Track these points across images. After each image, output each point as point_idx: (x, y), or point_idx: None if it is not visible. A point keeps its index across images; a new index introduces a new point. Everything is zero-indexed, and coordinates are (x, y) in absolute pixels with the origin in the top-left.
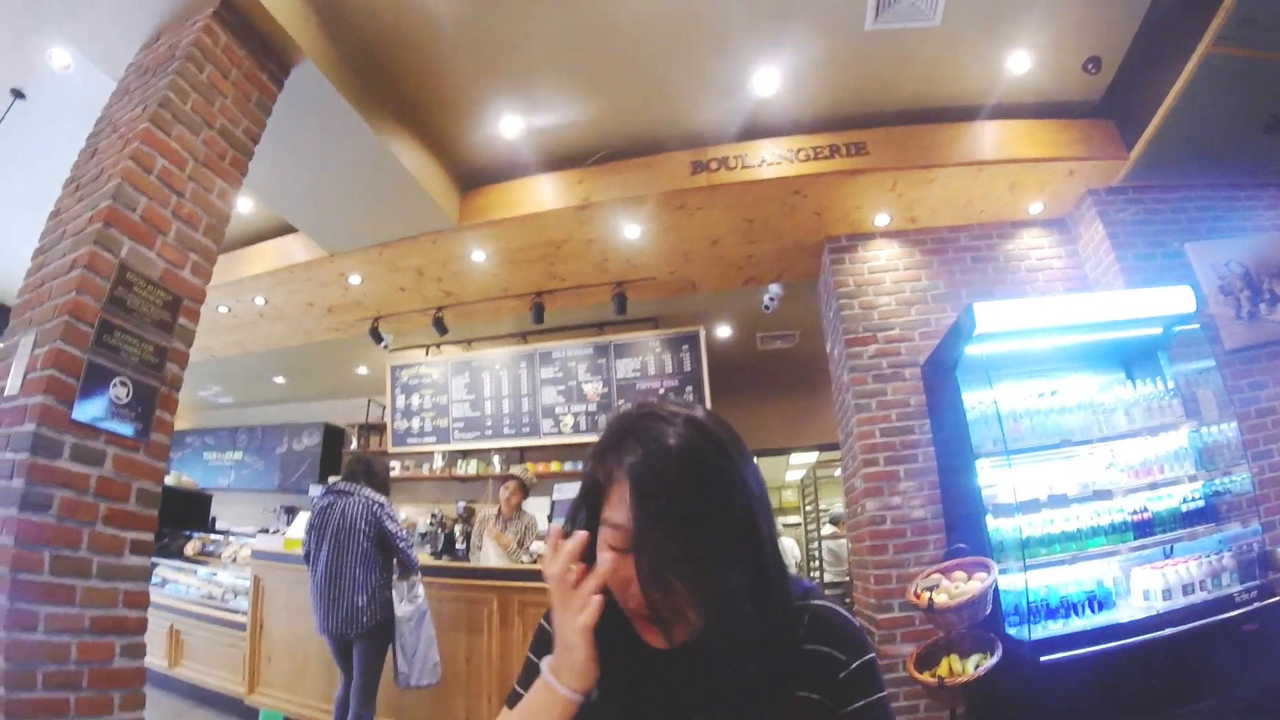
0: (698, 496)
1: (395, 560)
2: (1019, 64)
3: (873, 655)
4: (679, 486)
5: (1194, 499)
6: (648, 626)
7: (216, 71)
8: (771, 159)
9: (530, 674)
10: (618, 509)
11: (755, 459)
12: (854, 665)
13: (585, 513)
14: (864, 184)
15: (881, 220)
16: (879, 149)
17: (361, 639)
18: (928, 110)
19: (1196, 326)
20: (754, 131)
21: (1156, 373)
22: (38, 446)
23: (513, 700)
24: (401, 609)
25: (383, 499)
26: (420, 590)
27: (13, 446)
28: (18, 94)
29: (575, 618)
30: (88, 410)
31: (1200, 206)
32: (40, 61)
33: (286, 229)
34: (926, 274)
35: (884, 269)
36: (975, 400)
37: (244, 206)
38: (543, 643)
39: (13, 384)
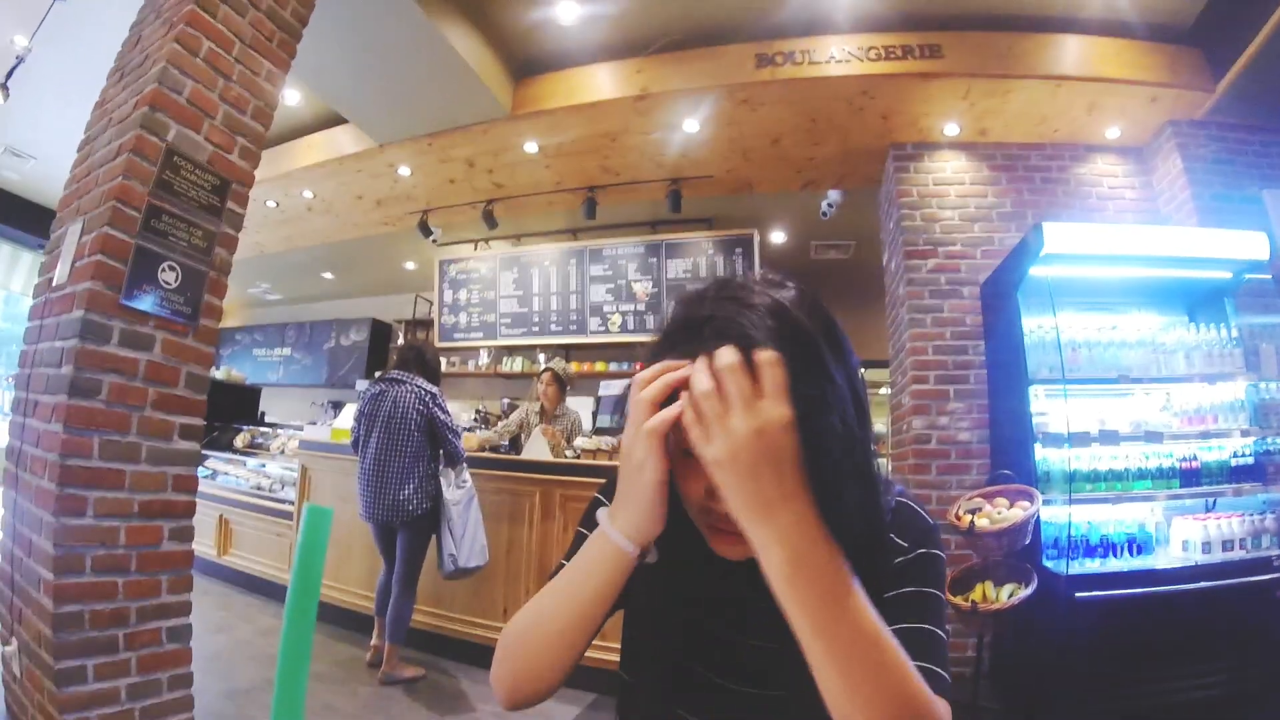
0: (807, 391)
1: (442, 451)
2: None
3: (938, 553)
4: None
5: (1244, 454)
6: (722, 536)
7: None
8: (840, 56)
9: (579, 547)
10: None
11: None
12: (913, 554)
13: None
14: (936, 89)
15: (951, 130)
16: (954, 53)
17: (406, 526)
18: (1008, 17)
19: (1268, 276)
20: (824, 26)
21: (1221, 319)
22: (86, 332)
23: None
24: (450, 493)
25: (434, 389)
26: (468, 477)
27: (62, 334)
28: None
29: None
30: (136, 295)
31: None
32: None
33: (335, 120)
34: (993, 191)
35: (950, 181)
36: (1034, 325)
37: (292, 99)
38: (593, 519)
39: (61, 273)
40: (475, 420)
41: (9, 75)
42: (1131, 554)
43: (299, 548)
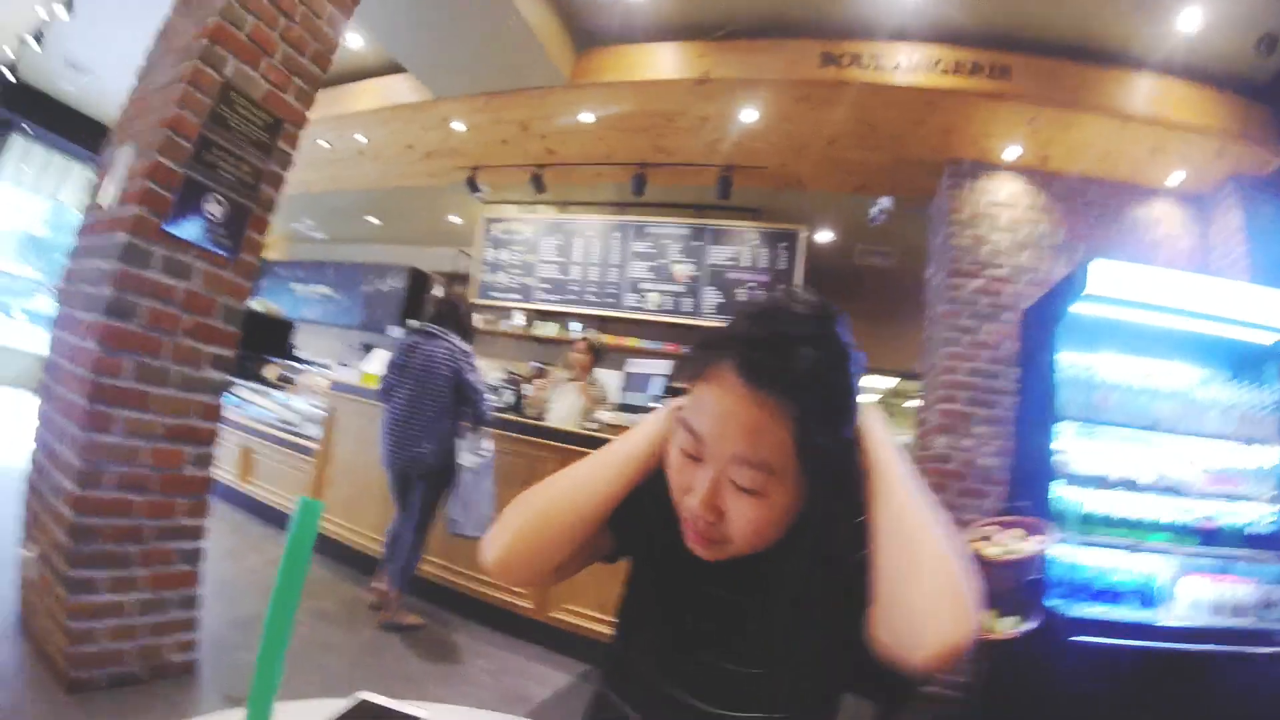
0: (824, 438)
1: (470, 410)
2: (1189, 22)
3: None
4: (790, 416)
5: (1266, 522)
6: (695, 537)
7: None
8: (908, 65)
9: None
10: (701, 414)
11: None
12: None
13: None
14: (1001, 110)
15: (1011, 153)
16: (1023, 77)
17: (423, 479)
18: (1081, 47)
19: None
20: (894, 32)
21: (1262, 381)
22: (128, 255)
23: None
24: (466, 459)
25: (467, 347)
26: (490, 446)
27: (104, 254)
28: None
29: None
30: (180, 224)
31: None
32: None
33: (394, 69)
34: (1047, 220)
35: (1003, 204)
36: (1070, 361)
37: (354, 42)
38: None
39: (109, 194)
40: (504, 381)
41: None
42: (1138, 605)
43: (289, 536)
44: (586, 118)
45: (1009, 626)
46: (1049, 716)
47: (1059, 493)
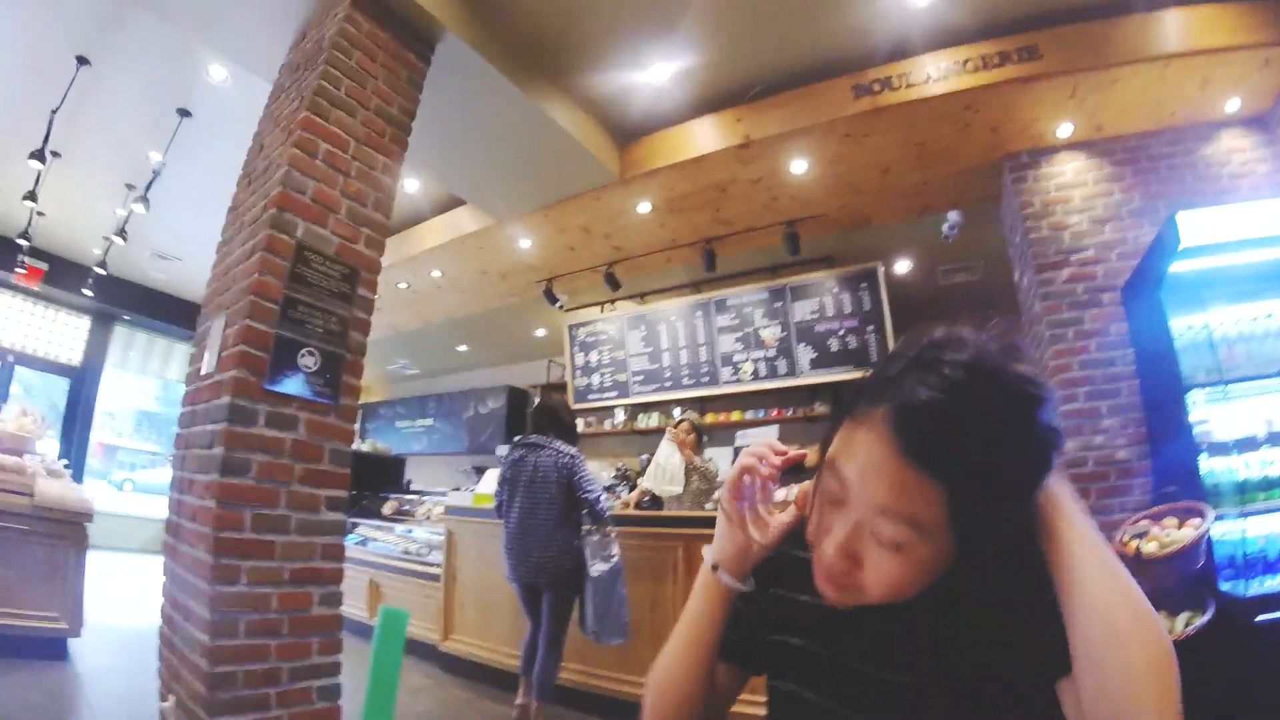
0: (986, 494)
1: (586, 512)
2: None
3: None
4: (984, 451)
5: None
6: (825, 578)
7: (364, 56)
8: (937, 74)
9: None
10: (849, 459)
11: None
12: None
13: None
14: (1040, 91)
15: (1064, 131)
16: (1052, 51)
17: (550, 588)
18: (1099, 4)
19: None
20: (916, 46)
21: None
22: (234, 416)
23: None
24: (595, 568)
25: (573, 450)
26: (616, 551)
27: (211, 418)
28: (184, 113)
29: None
30: (279, 380)
31: None
32: (200, 79)
33: (454, 203)
34: (1119, 187)
35: (1072, 185)
36: (1184, 325)
37: (411, 186)
38: None
39: (209, 363)
40: (615, 478)
41: (148, 188)
42: None
43: (374, 648)
44: (644, 208)
45: (1183, 625)
46: (1246, 713)
47: (1206, 466)
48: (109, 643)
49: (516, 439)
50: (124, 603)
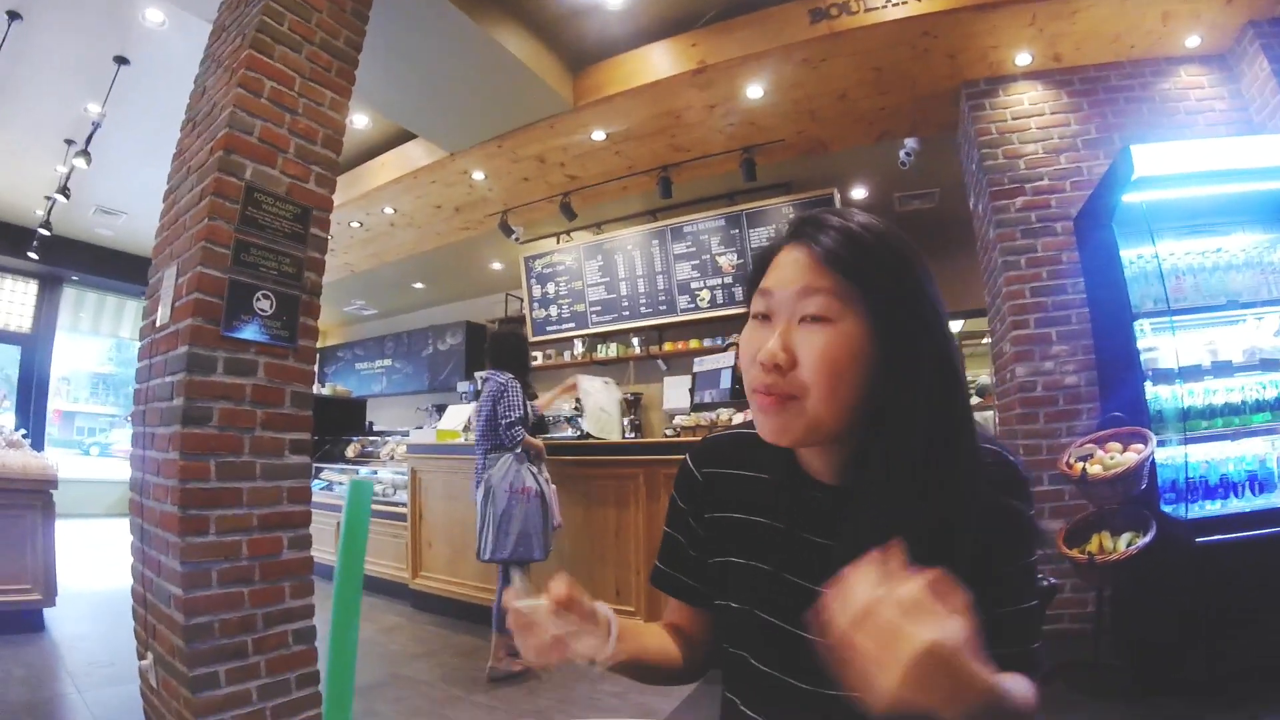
0: (867, 248)
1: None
2: None
3: (1032, 514)
4: (852, 233)
5: None
6: (765, 404)
7: None
8: None
9: (669, 548)
10: (769, 275)
11: None
12: (1013, 526)
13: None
14: (999, 18)
15: (1023, 60)
16: None
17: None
18: None
19: None
20: None
21: None
22: (192, 365)
23: (657, 578)
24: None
25: (505, 378)
26: (527, 472)
27: (170, 369)
28: (122, 60)
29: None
30: (235, 326)
31: None
32: (136, 24)
33: (405, 136)
34: (1076, 118)
35: (1028, 114)
36: (1134, 255)
37: (360, 122)
38: (676, 517)
39: (163, 314)
40: (576, 409)
41: (88, 141)
42: (1254, 493)
43: (344, 522)
44: (598, 136)
45: (1126, 544)
46: (1185, 630)
47: (1151, 393)
48: (84, 609)
49: (477, 374)
50: (96, 567)
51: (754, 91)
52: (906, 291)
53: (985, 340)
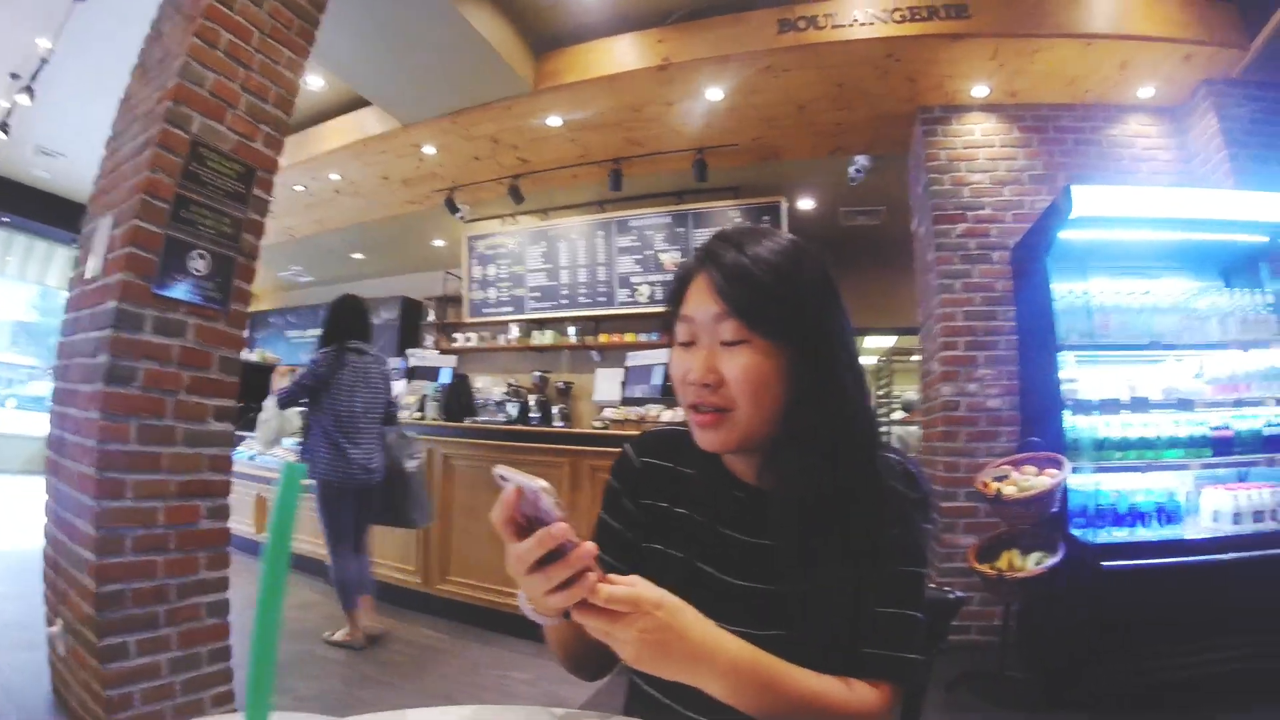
0: (777, 276)
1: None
2: None
3: (927, 528)
4: (762, 262)
5: (1279, 424)
6: (700, 420)
7: None
8: (864, 19)
9: (603, 532)
10: (689, 303)
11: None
12: (904, 530)
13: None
14: (963, 50)
15: (979, 91)
16: (981, 12)
17: (375, 487)
18: None
19: None
20: None
21: (1257, 284)
22: (120, 322)
23: None
24: (410, 464)
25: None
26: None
27: (96, 324)
28: None
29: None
30: (167, 284)
31: None
32: None
33: (359, 103)
34: (1024, 153)
35: (979, 144)
36: (1065, 290)
37: (315, 84)
38: (612, 500)
39: (94, 266)
40: (507, 394)
41: (34, 77)
42: (1161, 523)
43: (275, 504)
44: (554, 122)
45: (1034, 563)
46: (1086, 648)
47: (1069, 422)
48: None
49: (350, 343)
50: (7, 526)
51: (714, 94)
52: (799, 322)
53: (915, 358)
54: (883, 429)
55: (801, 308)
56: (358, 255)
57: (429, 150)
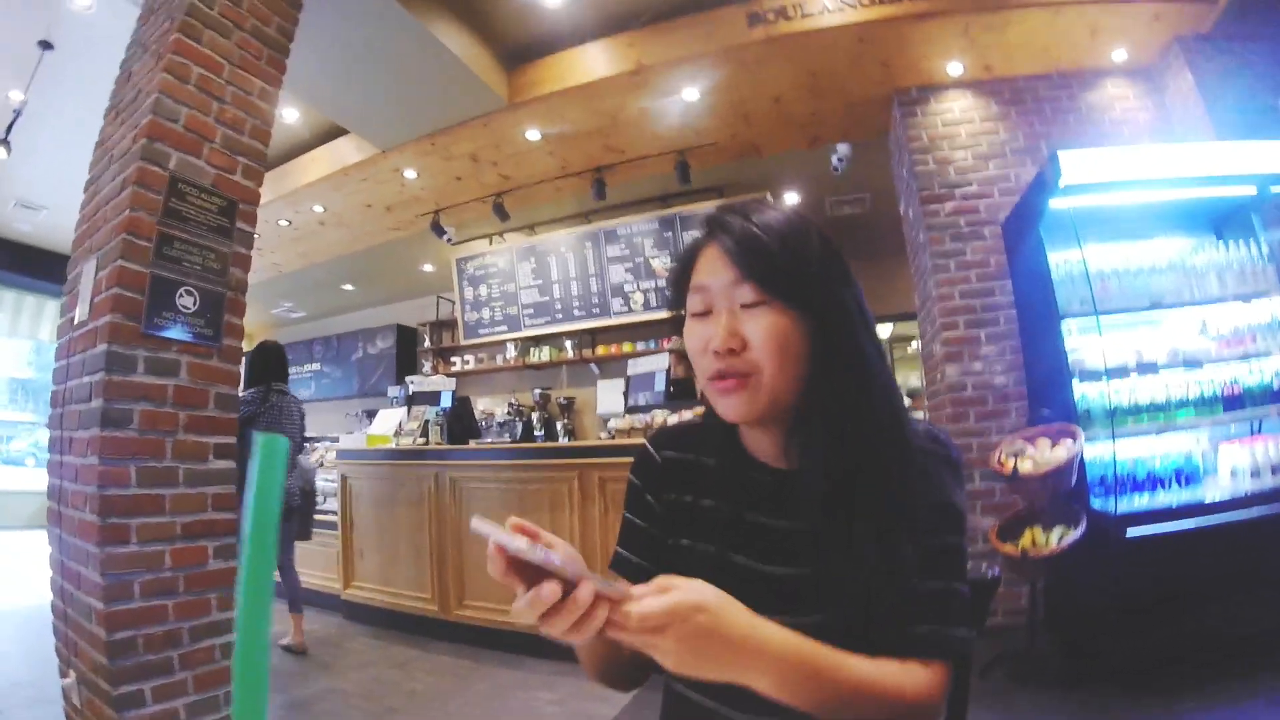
0: (787, 239)
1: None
2: None
3: (961, 503)
4: (772, 227)
5: None
6: (724, 386)
7: None
8: (833, 6)
9: (629, 533)
10: (701, 273)
11: None
12: (941, 503)
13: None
14: (933, 29)
15: (954, 69)
16: None
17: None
18: None
19: None
20: None
21: (1250, 235)
22: (112, 364)
23: (617, 563)
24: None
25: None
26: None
27: (88, 369)
28: (45, 45)
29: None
30: (157, 323)
31: None
32: (62, 7)
33: (336, 132)
34: (1004, 126)
35: (959, 121)
36: (1061, 259)
37: (290, 116)
38: (635, 499)
39: (81, 310)
40: (509, 413)
41: (9, 129)
42: (1181, 486)
43: (255, 480)
44: (533, 135)
45: (1058, 539)
46: (1116, 620)
47: (1079, 392)
48: (4, 627)
49: (274, 385)
50: (16, 582)
51: (690, 94)
52: (814, 289)
53: (914, 345)
54: None
55: (814, 275)
56: (348, 286)
57: (410, 174)
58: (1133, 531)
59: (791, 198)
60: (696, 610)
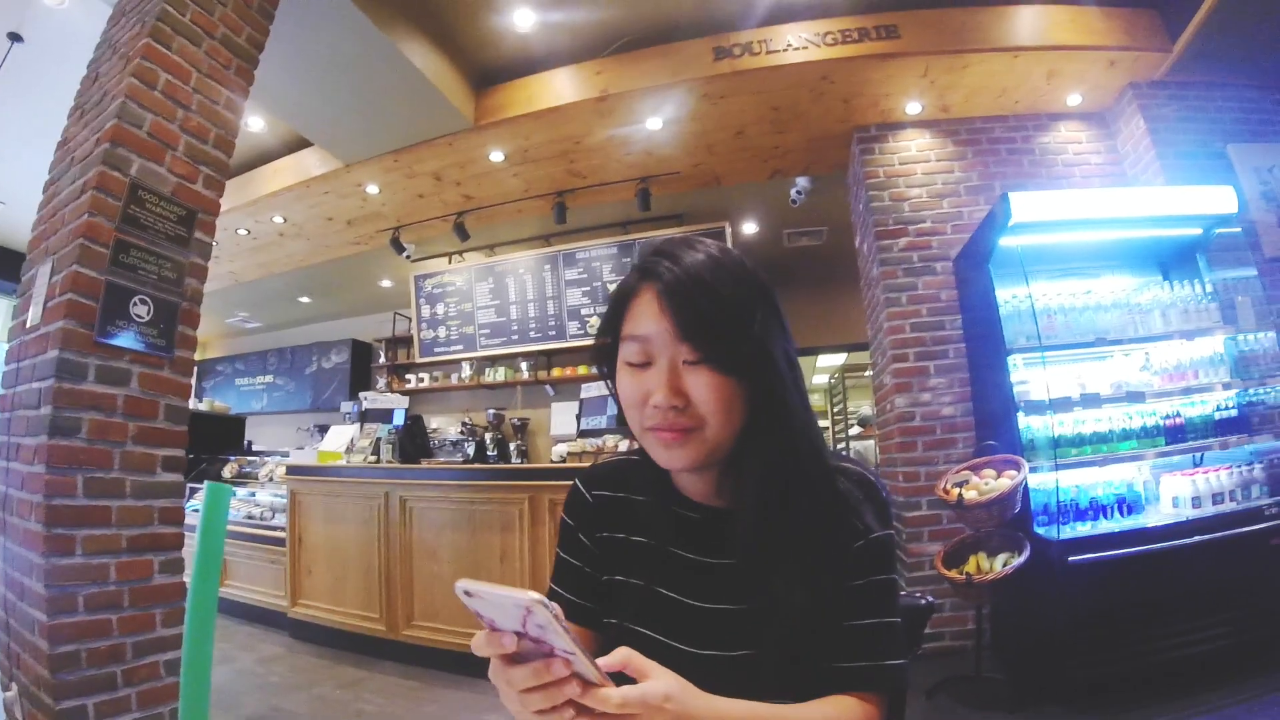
0: (726, 298)
1: None
2: None
3: (891, 534)
4: (710, 284)
5: (1227, 407)
6: (665, 437)
7: None
8: (798, 43)
9: (562, 571)
10: (638, 322)
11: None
12: (871, 538)
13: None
14: (895, 69)
15: (913, 109)
16: (911, 32)
17: None
18: None
19: (1238, 230)
20: (779, 15)
21: (1194, 275)
22: (62, 371)
23: (553, 600)
24: None
25: None
26: None
27: (38, 375)
28: (15, 37)
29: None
30: (110, 331)
31: (1245, 108)
32: (35, 1)
33: (301, 144)
34: (960, 166)
35: (915, 160)
36: (1009, 295)
37: (256, 125)
38: (569, 538)
39: (34, 315)
40: (463, 433)
41: None
42: (1122, 514)
43: (201, 528)
44: (497, 157)
45: (1002, 564)
46: (1060, 643)
47: (1024, 424)
48: None
49: None
50: None
51: (654, 123)
52: (746, 345)
53: (867, 373)
54: (840, 445)
55: (753, 338)
56: (304, 299)
57: (372, 189)
58: (1075, 558)
59: (750, 228)
60: (665, 698)
